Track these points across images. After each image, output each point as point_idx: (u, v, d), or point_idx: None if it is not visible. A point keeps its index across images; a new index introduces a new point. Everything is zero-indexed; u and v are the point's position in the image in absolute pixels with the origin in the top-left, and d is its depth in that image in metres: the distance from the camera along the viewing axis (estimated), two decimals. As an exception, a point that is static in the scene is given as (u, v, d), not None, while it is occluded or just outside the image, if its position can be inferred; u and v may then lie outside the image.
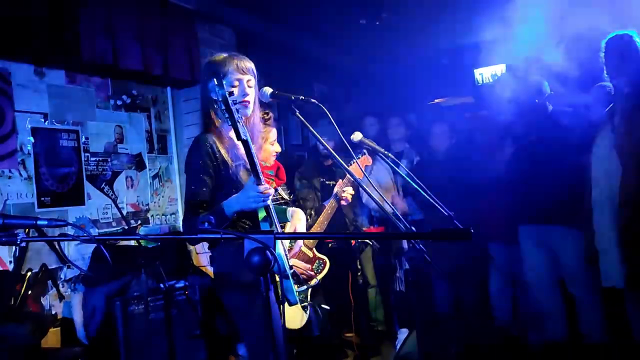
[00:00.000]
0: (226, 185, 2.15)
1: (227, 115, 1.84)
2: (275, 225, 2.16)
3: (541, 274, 3.51)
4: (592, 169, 3.08)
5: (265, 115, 3.15)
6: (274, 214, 2.14)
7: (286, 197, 3.29)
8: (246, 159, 2.00)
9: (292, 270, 2.32)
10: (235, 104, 1.84)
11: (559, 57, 3.54)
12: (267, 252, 1.22)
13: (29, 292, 3.14)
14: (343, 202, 3.11)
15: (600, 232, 3.01)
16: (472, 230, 1.17)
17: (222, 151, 2.16)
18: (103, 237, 2.56)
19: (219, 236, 1.28)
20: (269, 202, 2.08)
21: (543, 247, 3.48)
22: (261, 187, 1.98)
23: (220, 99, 1.84)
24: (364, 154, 3.23)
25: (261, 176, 1.99)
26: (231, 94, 1.84)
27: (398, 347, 3.97)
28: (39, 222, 1.31)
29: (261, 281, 1.34)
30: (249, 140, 1.92)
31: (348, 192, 3.05)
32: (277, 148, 3.22)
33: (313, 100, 2.20)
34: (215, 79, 1.89)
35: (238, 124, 1.84)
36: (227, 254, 2.16)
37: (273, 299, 2.00)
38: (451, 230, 1.22)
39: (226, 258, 2.17)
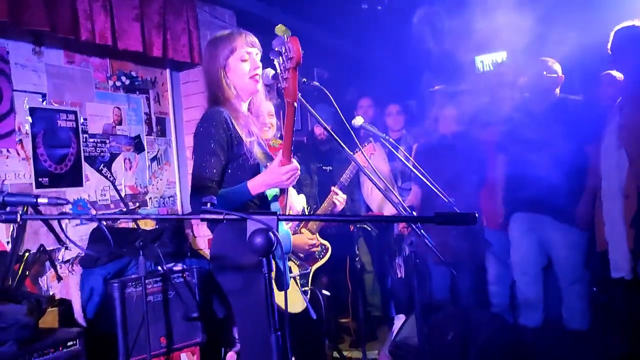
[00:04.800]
0: (235, 161, 2.11)
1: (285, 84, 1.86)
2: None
3: (526, 260, 3.56)
4: (601, 162, 3.08)
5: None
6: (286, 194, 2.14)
7: None
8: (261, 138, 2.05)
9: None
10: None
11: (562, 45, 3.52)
12: (270, 233, 1.21)
13: (27, 272, 3.14)
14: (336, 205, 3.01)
15: (610, 224, 3.02)
16: (476, 215, 1.16)
17: (237, 126, 2.11)
18: (104, 217, 2.55)
19: (221, 217, 1.27)
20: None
21: (532, 234, 3.51)
22: (288, 167, 2.00)
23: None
24: (370, 142, 3.18)
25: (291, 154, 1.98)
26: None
27: (394, 332, 3.99)
28: (39, 200, 1.29)
29: (261, 262, 1.32)
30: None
31: (340, 199, 2.98)
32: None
33: (315, 82, 2.18)
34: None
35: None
36: (226, 235, 2.15)
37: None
38: (456, 214, 1.21)
39: (225, 239, 2.16)
